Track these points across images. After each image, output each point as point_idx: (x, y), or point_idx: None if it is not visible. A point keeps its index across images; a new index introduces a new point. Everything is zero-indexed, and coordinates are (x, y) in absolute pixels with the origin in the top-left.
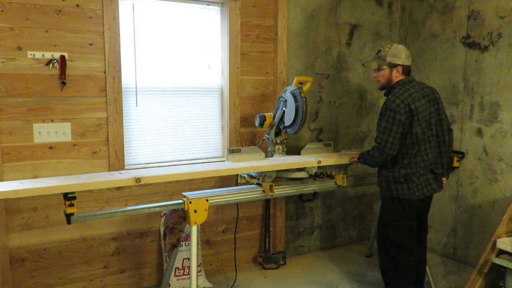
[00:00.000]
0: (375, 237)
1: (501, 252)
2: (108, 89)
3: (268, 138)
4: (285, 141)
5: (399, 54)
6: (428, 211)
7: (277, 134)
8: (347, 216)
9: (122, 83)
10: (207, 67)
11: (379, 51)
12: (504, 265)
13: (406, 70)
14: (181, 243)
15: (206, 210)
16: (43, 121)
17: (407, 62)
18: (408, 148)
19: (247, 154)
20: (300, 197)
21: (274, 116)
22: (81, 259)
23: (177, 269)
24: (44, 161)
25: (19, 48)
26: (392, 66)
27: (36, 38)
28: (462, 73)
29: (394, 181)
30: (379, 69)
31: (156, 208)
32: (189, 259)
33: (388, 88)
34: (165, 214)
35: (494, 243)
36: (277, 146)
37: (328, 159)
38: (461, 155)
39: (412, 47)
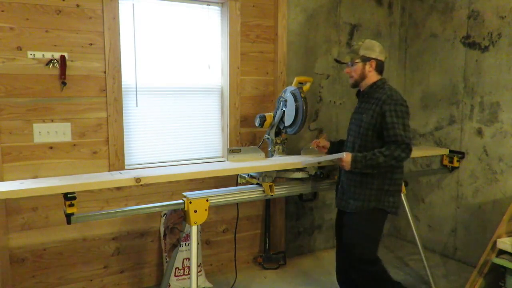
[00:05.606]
0: None
1: (501, 252)
2: (108, 89)
3: (268, 138)
4: (285, 141)
5: (373, 47)
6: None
7: (277, 134)
8: None
9: (122, 83)
10: (207, 67)
11: (352, 45)
12: (504, 265)
13: (380, 67)
14: (181, 243)
15: (206, 210)
16: (43, 121)
17: (381, 57)
18: None
19: (247, 154)
20: (300, 197)
21: (274, 116)
22: (81, 259)
23: (177, 269)
24: (44, 161)
25: (19, 48)
26: (366, 59)
27: (36, 38)
28: (462, 73)
29: (386, 191)
30: (352, 63)
31: (156, 208)
32: (189, 259)
33: (367, 86)
34: (165, 214)
35: (494, 243)
36: (277, 146)
37: (328, 159)
38: (461, 155)
39: (412, 47)
